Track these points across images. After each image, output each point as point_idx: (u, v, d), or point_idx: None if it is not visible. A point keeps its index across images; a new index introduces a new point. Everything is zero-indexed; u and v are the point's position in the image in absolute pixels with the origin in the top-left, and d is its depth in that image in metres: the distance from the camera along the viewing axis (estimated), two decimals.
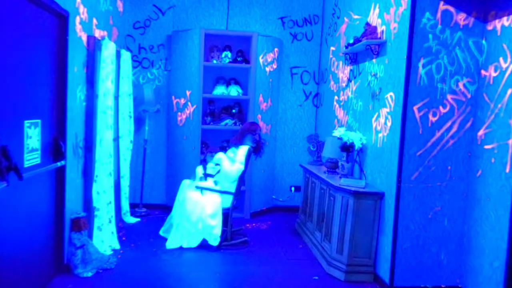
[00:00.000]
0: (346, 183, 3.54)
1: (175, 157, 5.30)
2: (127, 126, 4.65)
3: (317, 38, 5.55)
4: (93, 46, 3.63)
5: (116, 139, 4.52)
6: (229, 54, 5.18)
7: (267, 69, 5.24)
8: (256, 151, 4.28)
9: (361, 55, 4.06)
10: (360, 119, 4.03)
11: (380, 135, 3.54)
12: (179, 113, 5.19)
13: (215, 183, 4.14)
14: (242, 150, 4.09)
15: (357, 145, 3.77)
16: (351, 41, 3.95)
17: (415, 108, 3.13)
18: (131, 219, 4.80)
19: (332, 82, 5.04)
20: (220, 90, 5.19)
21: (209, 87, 5.25)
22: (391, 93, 3.35)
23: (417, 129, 3.15)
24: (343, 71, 4.61)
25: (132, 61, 5.25)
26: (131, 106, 4.72)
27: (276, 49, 5.33)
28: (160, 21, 5.28)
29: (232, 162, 4.11)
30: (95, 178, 3.68)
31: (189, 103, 5.08)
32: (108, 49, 3.74)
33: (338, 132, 3.89)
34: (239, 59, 5.24)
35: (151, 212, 5.18)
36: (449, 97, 3.14)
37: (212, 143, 5.35)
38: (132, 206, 5.11)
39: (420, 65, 3.10)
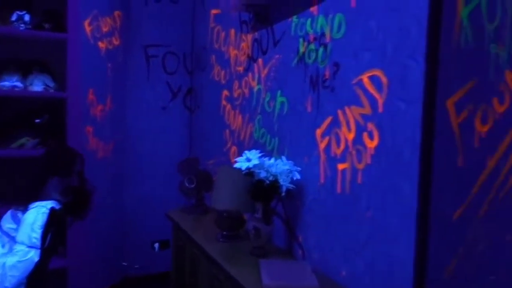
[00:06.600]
0: (275, 281, 1.52)
1: None
2: None
3: None
4: None
5: None
6: (28, 16, 2.75)
7: (102, 45, 2.96)
8: (74, 209, 1.94)
9: (277, 8, 2.12)
10: (281, 131, 2.08)
11: (342, 166, 1.61)
12: None
13: None
14: (33, 217, 1.73)
15: (285, 186, 1.80)
16: None
17: (449, 103, 1.27)
18: None
19: (217, 68, 2.99)
20: (9, 83, 2.72)
21: None
22: (375, 72, 1.45)
23: (454, 156, 1.30)
24: (238, 46, 2.62)
25: None
26: None
27: (117, 13, 3.09)
28: None
29: (9, 245, 1.74)
30: None
31: None
32: None
33: (246, 160, 1.85)
34: (46, 25, 2.85)
35: None
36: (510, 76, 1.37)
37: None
38: None
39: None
